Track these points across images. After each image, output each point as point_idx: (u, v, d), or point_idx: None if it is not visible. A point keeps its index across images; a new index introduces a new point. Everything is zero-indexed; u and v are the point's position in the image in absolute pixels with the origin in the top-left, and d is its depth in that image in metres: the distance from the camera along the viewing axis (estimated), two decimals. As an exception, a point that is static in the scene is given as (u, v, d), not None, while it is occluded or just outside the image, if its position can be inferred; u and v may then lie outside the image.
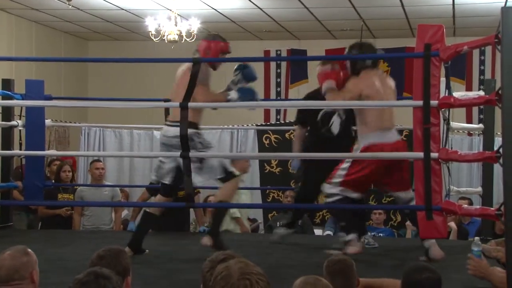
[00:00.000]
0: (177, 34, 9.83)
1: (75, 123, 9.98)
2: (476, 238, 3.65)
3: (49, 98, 6.41)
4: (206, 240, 4.81)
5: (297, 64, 12.27)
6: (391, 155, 4.75)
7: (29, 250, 2.76)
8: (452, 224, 6.60)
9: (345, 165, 4.88)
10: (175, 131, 4.65)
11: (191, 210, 6.95)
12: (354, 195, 4.91)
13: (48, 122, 6.54)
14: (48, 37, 11.89)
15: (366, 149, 4.82)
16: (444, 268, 3.95)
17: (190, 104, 4.59)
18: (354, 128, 5.22)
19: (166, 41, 9.90)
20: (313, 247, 5.51)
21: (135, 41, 12.58)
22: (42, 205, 6.92)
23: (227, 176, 4.84)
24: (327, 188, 4.99)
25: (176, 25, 9.83)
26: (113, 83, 12.59)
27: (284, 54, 12.16)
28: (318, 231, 7.74)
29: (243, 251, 3.18)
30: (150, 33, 9.89)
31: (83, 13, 10.73)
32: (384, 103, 4.84)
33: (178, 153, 4.63)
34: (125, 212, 8.02)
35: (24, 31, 11.23)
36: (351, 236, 4.87)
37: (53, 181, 7.06)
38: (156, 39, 9.88)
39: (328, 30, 11.83)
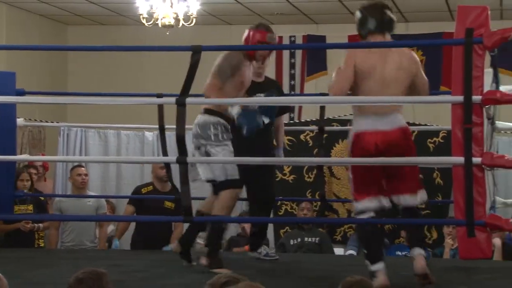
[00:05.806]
0: (173, 18, 9.85)
1: (52, 122, 10.01)
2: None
3: (21, 93, 6.42)
4: (203, 260, 4.89)
5: (314, 53, 12.24)
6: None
7: (-1, 273, 2.78)
8: (497, 241, 6.49)
9: None
10: None
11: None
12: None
13: (20, 121, 6.57)
14: (21, 21, 11.93)
15: (356, 137, 4.48)
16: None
17: (188, 100, 4.63)
18: None
19: (160, 26, 9.92)
20: (332, 269, 5.50)
21: (123, 25, 12.60)
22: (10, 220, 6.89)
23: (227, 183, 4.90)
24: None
25: (171, 7, 9.85)
26: (97, 75, 12.60)
27: (299, 41, 12.15)
28: (339, 250, 7.73)
29: (247, 273, 3.19)
30: (141, 16, 9.90)
31: (62, -8, 10.77)
32: (416, 99, 4.81)
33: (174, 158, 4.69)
34: (110, 228, 8.04)
35: (-7, 14, 11.28)
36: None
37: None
38: (148, 23, 9.90)
39: (351, 13, 11.82)
